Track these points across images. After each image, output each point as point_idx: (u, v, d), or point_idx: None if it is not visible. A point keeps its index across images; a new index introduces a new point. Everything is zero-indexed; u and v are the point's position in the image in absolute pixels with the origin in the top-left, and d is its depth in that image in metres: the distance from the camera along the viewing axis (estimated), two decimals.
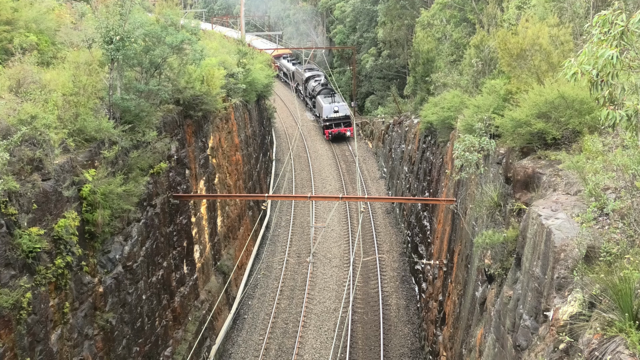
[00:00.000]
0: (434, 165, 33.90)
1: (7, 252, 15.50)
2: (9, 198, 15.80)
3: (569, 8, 23.52)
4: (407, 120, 47.12)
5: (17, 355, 15.55)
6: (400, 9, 59.37)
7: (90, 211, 19.41)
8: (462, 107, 25.90)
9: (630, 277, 9.31)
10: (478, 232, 20.09)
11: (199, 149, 31.36)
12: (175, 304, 27.08)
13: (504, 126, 19.19)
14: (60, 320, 17.78)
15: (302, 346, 32.63)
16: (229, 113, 38.01)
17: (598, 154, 13.42)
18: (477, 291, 20.35)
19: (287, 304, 36.74)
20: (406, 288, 38.13)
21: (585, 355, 9.11)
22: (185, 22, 29.60)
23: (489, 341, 16.22)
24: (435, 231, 32.01)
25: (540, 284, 12.27)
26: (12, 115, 17.17)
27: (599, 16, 8.31)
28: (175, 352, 26.41)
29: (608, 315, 9.27)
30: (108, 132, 21.06)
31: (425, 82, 41.47)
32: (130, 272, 22.21)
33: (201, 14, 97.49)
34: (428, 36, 42.91)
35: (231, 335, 34.15)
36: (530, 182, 16.47)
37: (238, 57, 45.11)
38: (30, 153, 16.91)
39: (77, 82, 20.73)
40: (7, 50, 22.57)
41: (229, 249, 36.44)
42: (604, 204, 11.85)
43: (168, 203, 26.42)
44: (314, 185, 52.81)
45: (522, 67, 20.45)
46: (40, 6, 26.60)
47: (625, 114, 8.47)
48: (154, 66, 25.29)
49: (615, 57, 7.96)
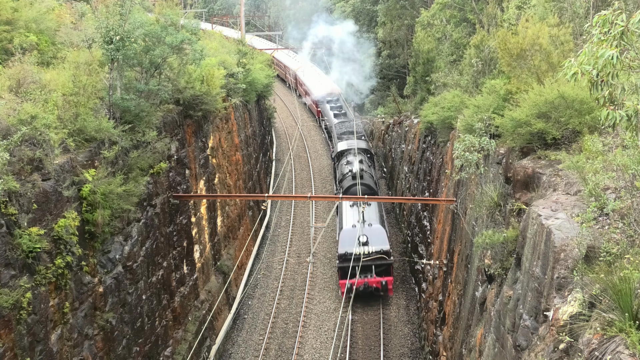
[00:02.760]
0: (434, 165, 33.89)
1: (7, 252, 15.50)
2: (9, 198, 15.80)
3: (569, 8, 23.51)
4: (407, 120, 47.13)
5: (17, 355, 15.54)
6: (400, 9, 59.32)
7: (90, 211, 19.41)
8: (462, 107, 25.89)
9: (630, 277, 9.31)
10: (478, 232, 20.09)
11: (199, 149, 31.36)
12: (175, 304, 27.08)
13: (503, 126, 19.18)
14: (60, 320, 17.77)
15: (302, 346, 32.63)
16: (229, 113, 38.00)
17: (598, 154, 13.41)
18: (477, 291, 20.35)
19: (287, 304, 36.73)
20: (406, 288, 38.13)
21: (585, 355, 9.11)
22: (185, 22, 29.59)
23: (489, 341, 16.22)
24: (435, 231, 32.01)
25: (540, 284, 12.27)
26: (12, 115, 17.16)
27: (599, 16, 8.31)
28: (175, 352, 26.40)
29: (608, 315, 9.27)
30: (108, 132, 21.06)
31: (425, 82, 41.45)
32: (130, 272, 22.21)
33: (201, 14, 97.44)
34: (428, 36, 42.89)
35: (231, 335, 34.14)
36: (530, 182, 16.47)
37: (238, 57, 45.10)
38: (30, 153, 16.91)
39: (77, 82, 20.72)
40: (7, 50, 22.56)
41: (229, 249, 36.44)
42: (604, 204, 11.85)
43: (168, 203, 26.42)
44: (314, 185, 52.81)
45: (522, 67, 20.45)
46: (40, 6, 26.58)
47: (625, 114, 8.47)
48: (154, 66, 25.29)
49: (615, 57, 7.96)
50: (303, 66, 75.92)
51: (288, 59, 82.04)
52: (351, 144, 48.19)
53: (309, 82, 70.31)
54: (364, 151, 48.32)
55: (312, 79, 70.72)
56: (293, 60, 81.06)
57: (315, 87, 68.12)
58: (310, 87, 69.05)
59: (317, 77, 71.33)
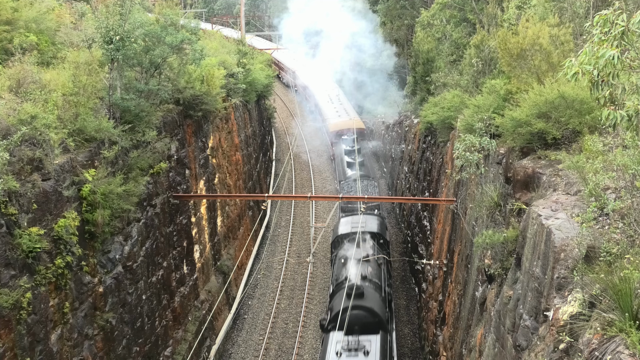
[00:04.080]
0: (434, 165, 33.88)
1: (7, 252, 15.50)
2: (9, 198, 15.80)
3: (569, 8, 23.51)
4: (407, 120, 47.13)
5: (17, 355, 15.54)
6: (400, 9, 59.24)
7: (90, 211, 19.41)
8: (462, 107, 25.88)
9: (630, 277, 9.31)
10: (478, 232, 20.09)
11: (199, 149, 31.35)
12: (175, 304, 27.08)
13: (504, 126, 19.18)
14: (60, 320, 17.77)
15: (302, 346, 32.63)
16: (229, 113, 37.99)
17: (598, 154, 13.41)
18: (477, 291, 20.35)
19: (287, 304, 36.72)
20: (406, 288, 38.13)
21: (585, 355, 9.11)
22: (185, 22, 29.57)
23: (489, 341, 16.21)
24: (435, 231, 32.00)
25: (540, 284, 12.27)
26: (12, 115, 17.16)
27: (600, 16, 8.30)
28: (175, 352, 26.40)
29: (608, 315, 9.27)
30: (108, 132, 21.06)
31: (425, 82, 41.42)
32: (130, 272, 22.20)
33: (201, 13, 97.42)
34: (428, 36, 42.86)
35: (231, 335, 34.14)
36: (530, 182, 16.47)
37: (238, 57, 45.08)
38: (30, 153, 16.91)
39: (77, 82, 20.72)
40: (7, 50, 22.55)
41: (229, 249, 36.43)
42: (604, 204, 11.84)
43: (168, 203, 26.41)
44: (314, 185, 52.80)
45: (522, 67, 20.44)
46: (40, 6, 26.57)
47: (625, 114, 8.47)
48: (154, 66, 25.29)
49: (616, 57, 7.96)
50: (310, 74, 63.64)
51: (291, 62, 74.62)
52: (357, 223, 32.12)
53: (323, 105, 57.64)
54: (375, 236, 32.81)
55: (325, 101, 57.40)
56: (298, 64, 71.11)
57: (329, 114, 54.89)
58: (324, 112, 57.53)
59: (331, 100, 57.76)
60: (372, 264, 29.20)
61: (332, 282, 30.53)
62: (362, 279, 27.28)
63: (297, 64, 73.18)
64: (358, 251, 28.75)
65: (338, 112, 55.64)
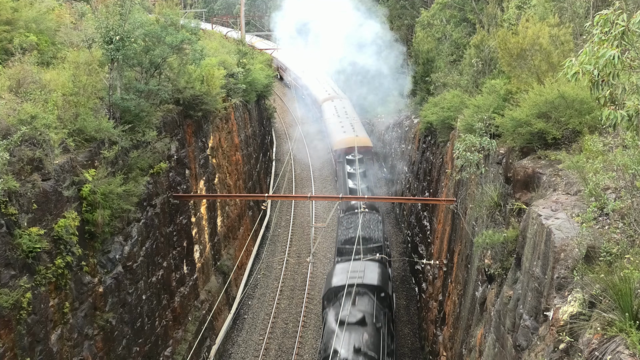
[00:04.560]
0: (434, 165, 33.89)
1: (7, 252, 15.50)
2: (9, 198, 15.80)
3: (569, 8, 23.52)
4: (407, 120, 47.12)
5: (17, 355, 15.54)
6: (400, 9, 59.31)
7: (90, 211, 19.41)
8: (462, 107, 25.89)
9: (630, 277, 9.31)
10: (478, 232, 20.09)
11: (199, 149, 31.35)
12: (175, 304, 27.08)
13: (504, 126, 19.19)
14: (60, 320, 17.77)
15: (302, 346, 32.62)
16: (229, 113, 37.99)
17: (598, 154, 13.41)
18: (477, 291, 20.35)
19: (287, 304, 36.71)
20: (406, 288, 38.13)
21: (585, 355, 9.11)
22: (185, 22, 29.57)
23: (489, 341, 16.21)
24: (435, 231, 31.99)
25: (540, 284, 12.27)
26: (12, 115, 17.16)
27: (600, 16, 8.31)
28: (175, 352, 26.40)
29: (608, 315, 9.27)
30: (108, 132, 21.05)
31: (425, 82, 41.43)
32: (130, 272, 22.20)
33: (201, 14, 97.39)
34: (428, 36, 42.88)
35: (231, 335, 34.13)
36: (530, 182, 16.47)
37: (238, 57, 45.09)
38: (30, 153, 16.91)
39: (77, 82, 20.72)
40: (7, 50, 22.56)
41: (229, 249, 36.43)
42: (604, 204, 11.84)
43: (168, 203, 26.41)
44: (314, 185, 52.79)
45: (522, 67, 20.45)
46: (40, 6, 26.58)
47: (626, 113, 8.48)
48: (154, 66, 25.29)
49: (616, 57, 7.96)
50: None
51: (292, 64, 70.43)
52: (355, 272, 27.46)
53: (328, 121, 52.44)
54: (374, 290, 27.14)
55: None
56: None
57: (335, 131, 49.61)
58: (329, 128, 52.05)
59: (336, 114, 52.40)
60: (370, 330, 24.14)
61: (320, 352, 24.96)
62: (354, 352, 22.31)
63: (298, 65, 70.86)
64: (353, 312, 24.35)
65: (343, 127, 50.52)
